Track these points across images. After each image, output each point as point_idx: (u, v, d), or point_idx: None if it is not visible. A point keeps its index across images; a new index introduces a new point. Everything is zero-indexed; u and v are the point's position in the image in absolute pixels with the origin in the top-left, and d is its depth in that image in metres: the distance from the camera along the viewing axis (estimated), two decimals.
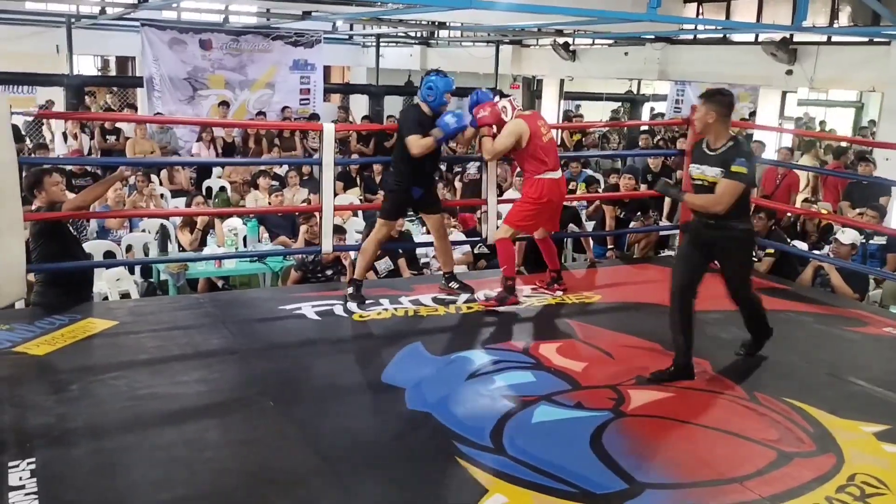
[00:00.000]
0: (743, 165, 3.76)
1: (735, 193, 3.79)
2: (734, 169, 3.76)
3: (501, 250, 4.99)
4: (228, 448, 3.13)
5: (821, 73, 10.73)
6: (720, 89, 3.99)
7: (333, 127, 5.25)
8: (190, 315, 4.64)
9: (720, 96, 3.88)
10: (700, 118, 3.88)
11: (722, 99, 3.87)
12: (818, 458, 3.21)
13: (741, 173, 3.77)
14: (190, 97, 12.61)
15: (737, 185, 3.78)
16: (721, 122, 3.84)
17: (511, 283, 4.97)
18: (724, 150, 3.83)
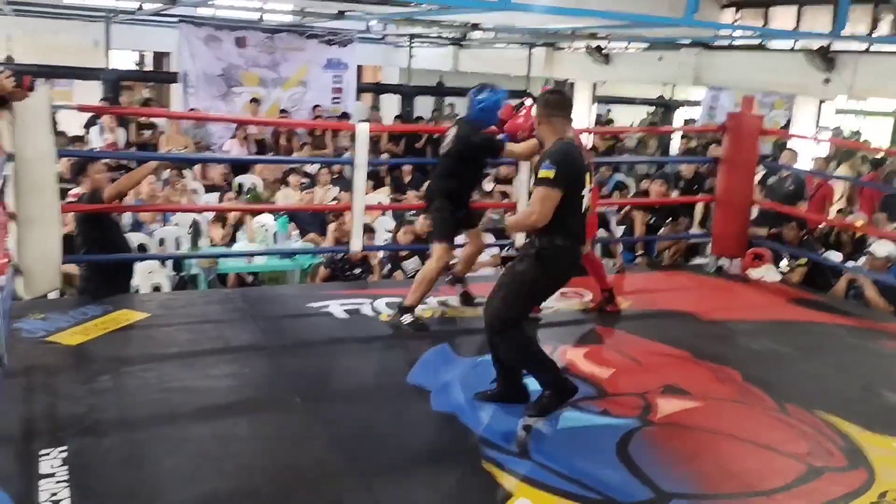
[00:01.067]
0: (548, 168, 3.26)
1: (545, 200, 3.28)
2: (540, 175, 3.30)
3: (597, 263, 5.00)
4: (256, 443, 3.15)
5: (860, 82, 10.55)
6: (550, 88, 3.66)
7: (367, 127, 5.27)
8: (220, 309, 4.68)
9: (545, 96, 3.51)
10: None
11: (548, 99, 3.49)
12: (849, 474, 3.16)
13: (545, 178, 3.27)
14: (224, 94, 12.72)
15: (544, 191, 3.28)
16: (546, 124, 3.44)
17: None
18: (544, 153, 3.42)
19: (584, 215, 3.46)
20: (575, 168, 3.35)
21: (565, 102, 3.52)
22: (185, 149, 10.31)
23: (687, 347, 4.41)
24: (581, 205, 3.39)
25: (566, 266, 3.45)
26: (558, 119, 3.44)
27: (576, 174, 3.35)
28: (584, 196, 3.39)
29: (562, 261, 3.40)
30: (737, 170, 5.95)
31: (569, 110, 3.51)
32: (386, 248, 6.81)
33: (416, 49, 16.96)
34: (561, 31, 12.91)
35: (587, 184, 3.43)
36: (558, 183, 3.28)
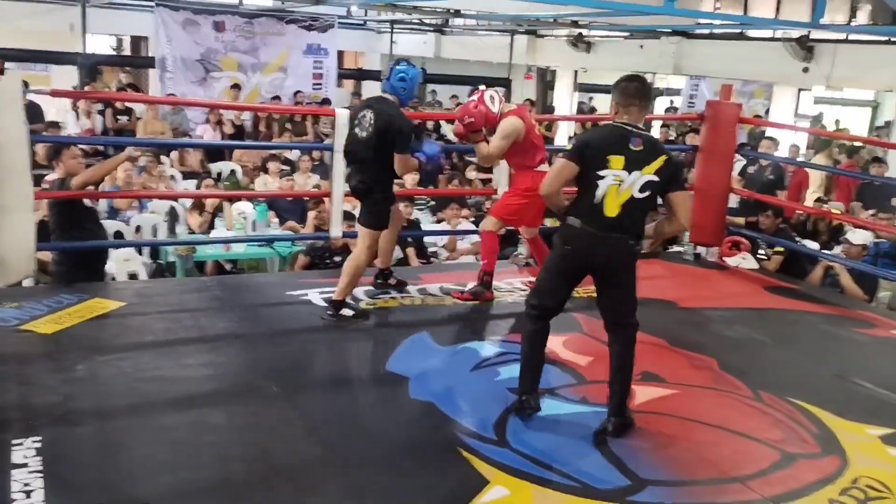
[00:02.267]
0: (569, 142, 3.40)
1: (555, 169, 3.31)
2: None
3: (486, 243, 4.81)
4: (232, 432, 3.14)
5: (837, 71, 10.62)
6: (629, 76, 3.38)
7: (347, 112, 5.23)
8: (197, 298, 4.65)
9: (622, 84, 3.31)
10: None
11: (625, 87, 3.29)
12: (822, 460, 3.19)
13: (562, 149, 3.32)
14: (202, 79, 12.60)
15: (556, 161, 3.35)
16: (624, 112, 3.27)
17: (489, 278, 4.82)
18: None
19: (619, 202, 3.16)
20: (596, 145, 3.20)
21: (645, 92, 3.30)
22: (163, 135, 10.20)
23: (664, 335, 4.42)
24: (596, 185, 3.15)
25: (576, 248, 3.24)
26: (635, 108, 3.24)
27: (594, 151, 3.18)
28: (602, 177, 3.14)
29: (574, 241, 3.24)
30: (714, 158, 5.98)
31: (647, 100, 3.32)
32: None
33: (397, 35, 16.87)
34: (543, 18, 12.89)
35: (614, 167, 3.14)
36: (572, 156, 3.20)
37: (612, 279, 3.31)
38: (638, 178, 3.16)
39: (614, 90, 3.30)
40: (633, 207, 3.18)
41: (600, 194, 3.15)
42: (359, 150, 4.34)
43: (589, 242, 3.21)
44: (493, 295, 4.90)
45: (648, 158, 3.17)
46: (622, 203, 3.16)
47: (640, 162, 3.16)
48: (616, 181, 3.14)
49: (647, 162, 3.17)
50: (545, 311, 3.38)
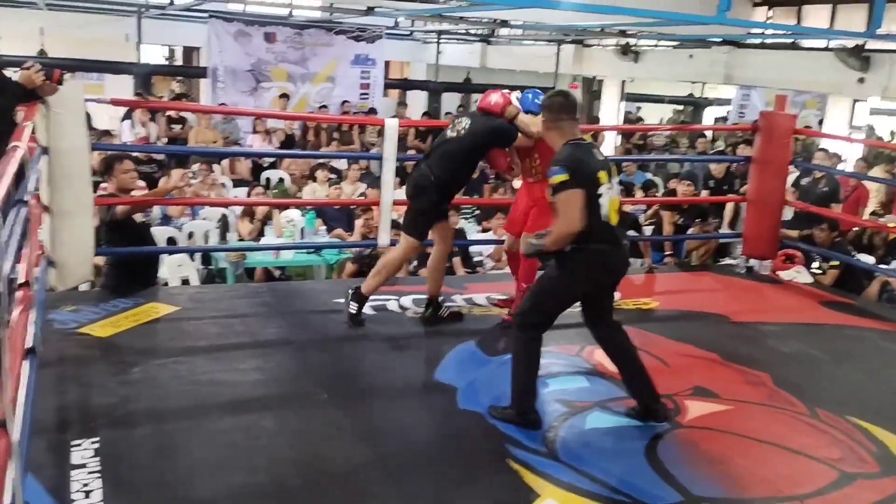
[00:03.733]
0: (559, 173, 3.19)
1: (567, 203, 3.19)
2: (553, 182, 3.22)
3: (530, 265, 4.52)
4: (284, 437, 3.17)
5: (895, 81, 10.37)
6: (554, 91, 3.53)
7: (396, 122, 5.27)
8: (248, 304, 4.72)
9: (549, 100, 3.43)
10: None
11: (552, 102, 3.39)
12: (882, 480, 3.11)
13: (560, 182, 3.19)
14: (252, 89, 12.81)
15: (564, 195, 3.20)
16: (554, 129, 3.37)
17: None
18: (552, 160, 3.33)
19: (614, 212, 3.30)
20: (585, 167, 3.23)
21: (570, 104, 3.39)
22: (215, 143, 10.40)
23: (716, 349, 4.36)
24: (600, 205, 3.24)
25: (590, 269, 3.30)
26: (565, 122, 3.36)
27: (587, 173, 3.22)
28: (601, 195, 3.24)
29: (593, 266, 3.30)
30: (768, 170, 5.87)
31: (574, 112, 3.39)
32: None
33: (443, 45, 16.95)
34: (590, 28, 12.81)
35: (603, 181, 3.25)
36: (574, 183, 3.18)
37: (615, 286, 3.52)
38: (615, 183, 3.37)
39: (545, 107, 3.42)
40: (620, 211, 3.42)
41: (605, 211, 3.28)
42: None
43: (613, 258, 3.35)
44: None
45: (607, 162, 3.38)
46: (616, 210, 3.35)
47: (609, 168, 3.35)
48: (608, 193, 3.30)
49: (609, 166, 3.37)
50: (544, 329, 3.43)
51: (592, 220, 3.22)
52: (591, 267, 3.31)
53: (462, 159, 4.33)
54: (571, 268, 3.31)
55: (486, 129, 4.29)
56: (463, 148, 4.28)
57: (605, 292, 3.49)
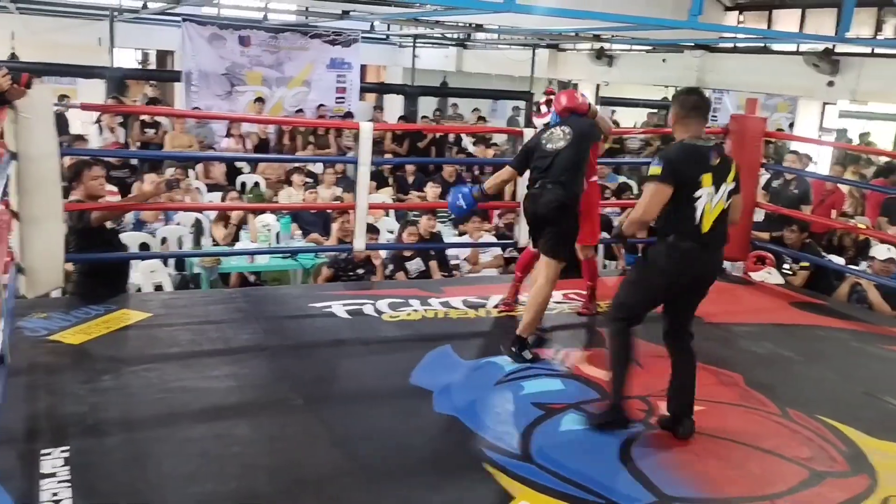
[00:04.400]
0: (655, 165, 3.29)
1: (651, 195, 3.28)
2: (648, 173, 3.35)
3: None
4: (257, 444, 3.15)
5: (863, 85, 10.55)
6: (688, 88, 3.56)
7: (371, 126, 5.27)
8: (222, 309, 4.68)
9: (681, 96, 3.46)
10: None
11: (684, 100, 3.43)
12: (851, 479, 3.15)
13: (652, 175, 3.28)
14: (227, 93, 12.75)
15: (651, 187, 3.29)
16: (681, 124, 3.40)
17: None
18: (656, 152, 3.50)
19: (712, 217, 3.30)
20: (686, 167, 3.27)
21: (703, 105, 3.43)
22: (190, 147, 10.32)
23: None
24: (694, 207, 3.26)
25: (667, 263, 3.33)
26: (692, 121, 3.38)
27: (687, 173, 3.26)
28: (698, 197, 3.26)
29: (671, 260, 3.32)
30: (740, 172, 5.91)
31: (705, 113, 3.44)
32: (390, 248, 6.82)
33: (419, 49, 16.96)
34: (564, 32, 12.90)
35: (706, 185, 3.27)
36: (665, 178, 3.24)
37: (700, 292, 3.47)
38: (725, 190, 3.33)
39: (674, 105, 3.42)
40: (721, 219, 3.35)
41: (699, 214, 3.28)
42: None
43: (694, 259, 3.33)
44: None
45: (726, 169, 3.35)
46: (715, 217, 3.31)
47: (722, 174, 3.33)
48: (709, 198, 3.29)
49: (727, 173, 3.35)
50: (633, 322, 3.47)
51: (681, 218, 3.29)
52: (669, 261, 3.33)
53: (582, 165, 4.24)
54: (652, 260, 3.41)
55: (590, 128, 4.31)
56: (579, 153, 4.20)
57: (684, 296, 3.45)
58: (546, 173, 4.16)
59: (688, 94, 3.46)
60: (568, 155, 4.15)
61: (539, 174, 4.19)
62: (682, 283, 3.40)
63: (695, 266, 3.36)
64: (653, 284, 3.42)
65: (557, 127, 4.26)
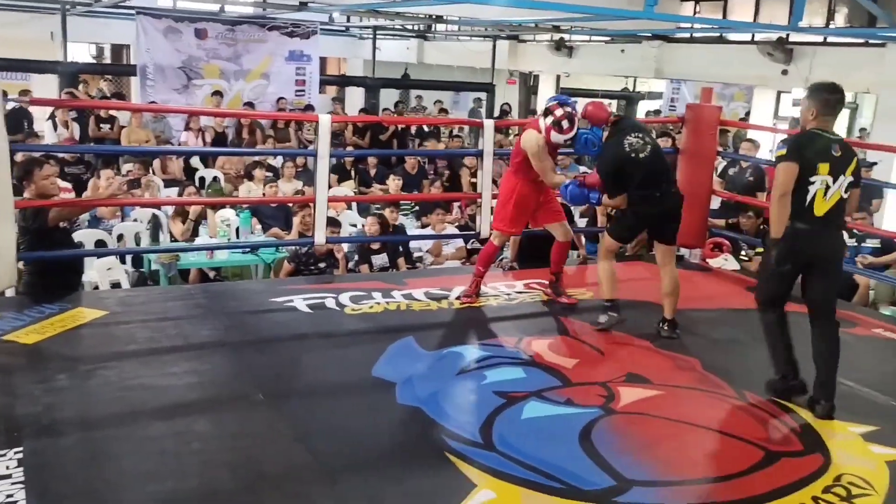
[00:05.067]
0: (781, 149, 3.70)
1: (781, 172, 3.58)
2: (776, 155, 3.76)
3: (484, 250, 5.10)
4: (218, 441, 3.12)
5: (816, 73, 10.73)
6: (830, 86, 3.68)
7: (329, 118, 5.23)
8: (181, 306, 4.62)
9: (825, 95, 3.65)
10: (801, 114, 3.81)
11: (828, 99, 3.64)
12: (805, 459, 3.22)
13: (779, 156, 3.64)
14: (184, 86, 12.56)
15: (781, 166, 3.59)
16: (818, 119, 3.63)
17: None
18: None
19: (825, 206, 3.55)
20: (806, 152, 3.54)
21: (838, 104, 3.68)
22: (147, 143, 10.15)
23: (649, 337, 4.46)
24: (808, 190, 3.53)
25: (787, 244, 3.58)
26: (825, 119, 3.63)
27: (806, 157, 3.53)
28: (812, 182, 3.52)
29: (791, 242, 3.58)
30: (696, 161, 6.02)
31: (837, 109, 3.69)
32: (351, 241, 6.79)
33: (380, 41, 16.89)
34: (524, 23, 12.95)
35: (821, 173, 3.53)
36: (791, 157, 3.53)
37: (825, 272, 3.68)
38: (843, 181, 3.58)
39: (815, 99, 3.64)
40: (839, 206, 3.60)
41: (810, 197, 3.54)
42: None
43: (812, 242, 3.61)
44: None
45: (847, 162, 3.59)
46: (832, 203, 3.57)
47: (842, 166, 3.57)
48: (823, 185, 3.54)
49: (847, 165, 3.60)
50: (777, 301, 3.78)
51: (797, 201, 3.54)
52: (788, 242, 3.59)
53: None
54: (776, 243, 3.62)
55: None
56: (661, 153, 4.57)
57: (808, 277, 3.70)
58: (658, 178, 4.40)
59: (831, 92, 3.65)
60: (659, 158, 4.46)
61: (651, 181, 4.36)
62: (802, 263, 3.66)
63: (806, 246, 3.61)
64: (779, 265, 3.67)
65: (631, 136, 4.36)
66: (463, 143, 12.23)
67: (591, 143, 4.50)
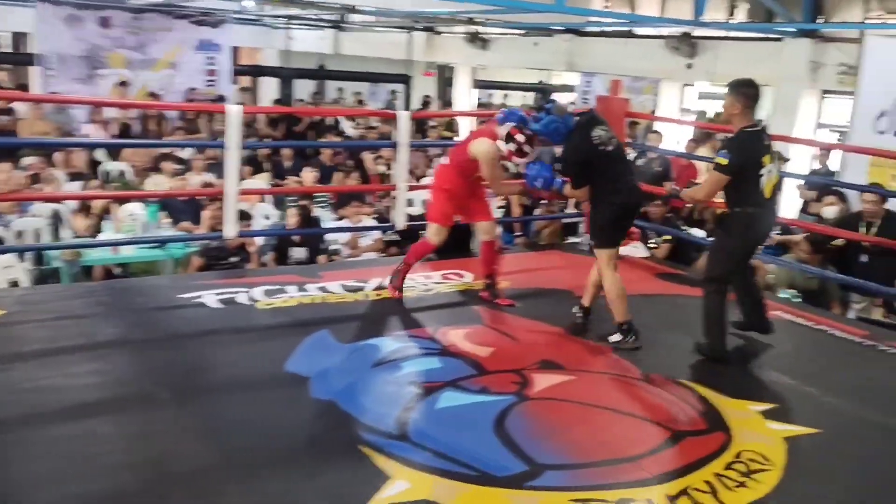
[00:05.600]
0: (723, 157, 4.00)
1: (713, 184, 4.09)
2: (716, 160, 4.07)
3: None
4: (123, 442, 3.01)
5: (719, 67, 11.15)
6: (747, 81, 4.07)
7: (239, 109, 5.12)
8: (83, 304, 4.45)
9: (745, 89, 4.02)
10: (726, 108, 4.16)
11: (749, 93, 4.02)
12: (708, 437, 3.34)
13: (718, 164, 4.01)
14: (88, 76, 12.07)
15: (714, 176, 4.06)
16: (741, 114, 4.01)
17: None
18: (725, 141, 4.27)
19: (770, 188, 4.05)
20: (749, 153, 3.98)
21: (758, 97, 4.07)
22: (47, 135, 9.70)
23: (562, 324, 4.54)
24: (759, 180, 4.00)
25: (750, 230, 4.11)
26: (749, 112, 4.03)
27: (751, 158, 3.98)
28: (762, 175, 3.99)
29: (742, 225, 4.08)
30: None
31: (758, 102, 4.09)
32: (262, 234, 6.68)
33: (294, 31, 16.61)
34: (439, 14, 12.96)
35: (766, 164, 4.00)
36: (729, 171, 3.96)
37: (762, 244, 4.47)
38: (774, 165, 4.10)
39: (739, 95, 4.01)
40: (777, 187, 4.20)
41: (762, 185, 4.01)
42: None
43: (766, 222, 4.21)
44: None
45: (770, 147, 4.09)
46: (772, 186, 4.09)
47: (772, 154, 4.08)
48: (768, 172, 4.03)
49: (773, 152, 4.11)
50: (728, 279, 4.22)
51: (748, 191, 4.00)
52: (746, 226, 4.08)
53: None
54: (733, 227, 4.13)
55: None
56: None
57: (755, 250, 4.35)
58: (624, 172, 4.45)
59: (751, 86, 4.03)
60: (624, 151, 4.61)
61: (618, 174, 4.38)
62: (756, 242, 4.25)
63: (763, 226, 4.19)
64: (734, 248, 4.18)
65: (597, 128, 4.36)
66: (381, 135, 12.17)
67: (558, 132, 4.41)
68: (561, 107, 4.47)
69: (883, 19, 9.54)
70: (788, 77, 10.33)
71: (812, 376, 4.09)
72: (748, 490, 2.93)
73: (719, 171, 3.99)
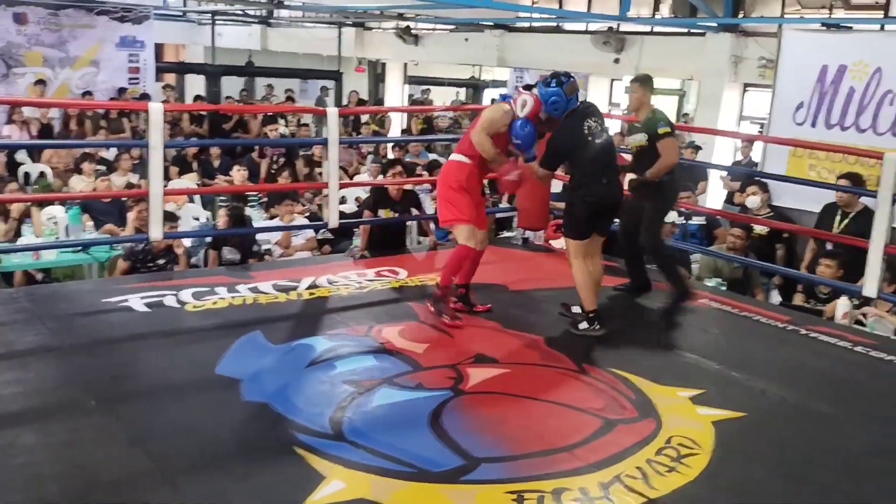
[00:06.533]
0: (667, 126, 4.85)
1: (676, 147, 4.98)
2: (662, 131, 4.81)
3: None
4: (47, 452, 2.91)
5: (645, 61, 11.37)
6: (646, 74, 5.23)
7: (161, 107, 4.99)
8: (3, 311, 4.27)
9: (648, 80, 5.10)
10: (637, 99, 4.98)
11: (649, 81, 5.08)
12: (639, 424, 3.41)
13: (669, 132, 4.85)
14: (3, 75, 11.60)
15: (672, 141, 4.87)
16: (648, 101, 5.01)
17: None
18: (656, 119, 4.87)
19: None
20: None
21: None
22: None
23: (497, 318, 4.58)
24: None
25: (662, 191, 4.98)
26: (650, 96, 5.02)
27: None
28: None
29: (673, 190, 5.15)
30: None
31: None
32: (188, 235, 6.53)
33: (221, 27, 16.28)
34: (368, 10, 12.88)
35: None
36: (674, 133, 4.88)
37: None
38: None
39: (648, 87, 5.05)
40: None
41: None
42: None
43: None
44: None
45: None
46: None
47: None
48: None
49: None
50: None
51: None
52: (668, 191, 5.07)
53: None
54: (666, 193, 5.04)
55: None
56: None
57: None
58: (606, 167, 4.44)
59: (650, 79, 5.10)
60: (611, 147, 4.58)
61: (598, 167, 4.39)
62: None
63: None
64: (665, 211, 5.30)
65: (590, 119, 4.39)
66: (311, 132, 12.05)
67: (557, 106, 4.38)
68: (574, 87, 4.47)
69: (800, 14, 9.88)
70: (711, 71, 10.63)
71: (738, 361, 4.20)
72: (679, 475, 3.00)
73: (672, 136, 4.83)
